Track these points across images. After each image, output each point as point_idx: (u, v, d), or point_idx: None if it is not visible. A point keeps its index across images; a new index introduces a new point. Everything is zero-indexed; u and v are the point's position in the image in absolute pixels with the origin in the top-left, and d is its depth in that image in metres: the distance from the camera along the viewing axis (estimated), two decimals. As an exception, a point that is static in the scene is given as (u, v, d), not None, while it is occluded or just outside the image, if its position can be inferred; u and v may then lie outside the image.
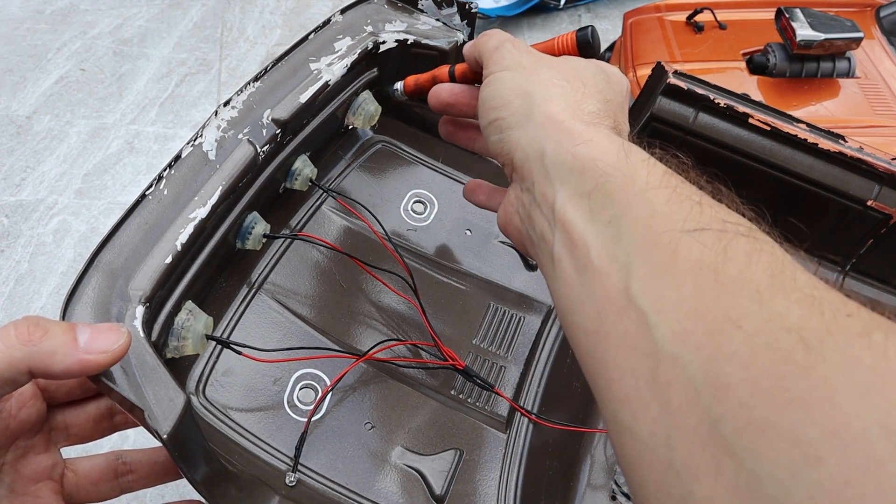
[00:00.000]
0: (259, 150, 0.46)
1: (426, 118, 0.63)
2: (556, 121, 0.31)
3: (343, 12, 0.55)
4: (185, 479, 0.36)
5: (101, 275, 0.37)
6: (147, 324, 0.37)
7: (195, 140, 0.44)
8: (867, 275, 0.66)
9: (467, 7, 0.57)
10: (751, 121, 0.60)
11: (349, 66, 0.51)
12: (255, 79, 0.48)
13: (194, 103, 2.15)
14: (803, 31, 1.53)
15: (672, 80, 0.61)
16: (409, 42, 0.55)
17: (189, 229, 0.41)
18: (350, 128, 0.58)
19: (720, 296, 0.21)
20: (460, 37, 0.57)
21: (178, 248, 0.40)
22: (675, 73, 0.61)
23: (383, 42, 0.54)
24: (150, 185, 0.41)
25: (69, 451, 0.36)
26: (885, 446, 0.16)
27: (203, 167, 0.43)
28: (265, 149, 0.46)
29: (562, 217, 0.28)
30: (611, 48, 2.03)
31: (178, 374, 0.45)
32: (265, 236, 0.49)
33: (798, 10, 1.56)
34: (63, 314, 0.36)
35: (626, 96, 0.36)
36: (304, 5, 2.61)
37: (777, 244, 0.23)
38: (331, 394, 0.48)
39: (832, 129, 0.60)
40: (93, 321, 0.36)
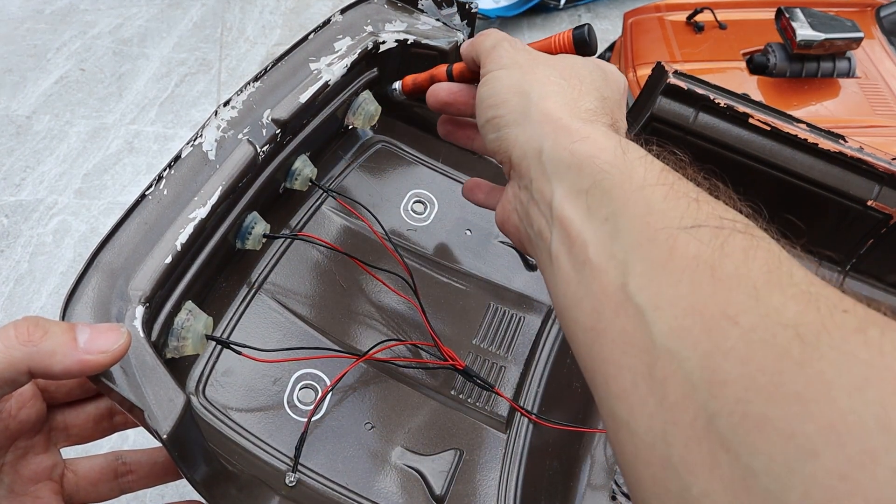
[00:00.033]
0: (259, 150, 0.46)
1: (426, 118, 0.63)
2: (554, 118, 0.31)
3: (343, 12, 0.55)
4: (185, 480, 0.36)
5: (100, 275, 0.37)
6: (147, 324, 0.37)
7: (195, 140, 0.44)
8: (867, 275, 0.66)
9: (467, 7, 0.57)
10: (751, 121, 0.60)
11: (349, 66, 0.51)
12: (255, 79, 0.48)
13: (194, 103, 2.15)
14: (803, 31, 1.53)
15: (672, 80, 0.61)
16: (409, 42, 0.55)
17: (189, 229, 0.41)
18: (350, 128, 0.58)
19: (717, 292, 0.21)
20: (460, 37, 0.57)
21: (178, 248, 0.40)
22: (675, 73, 0.61)
23: (383, 42, 0.54)
24: (150, 185, 0.41)
25: (69, 452, 0.36)
26: (880, 440, 0.16)
27: (203, 167, 0.43)
28: (265, 149, 0.46)
29: (559, 214, 0.28)
30: (611, 48, 2.03)
31: (178, 374, 0.45)
32: (265, 236, 0.49)
33: (798, 10, 1.56)
34: (63, 314, 0.36)
35: (624, 94, 0.36)
36: (304, 5, 2.61)
37: (774, 241, 0.23)
38: (331, 394, 0.48)
39: (832, 129, 0.60)
40: (93, 321, 0.36)
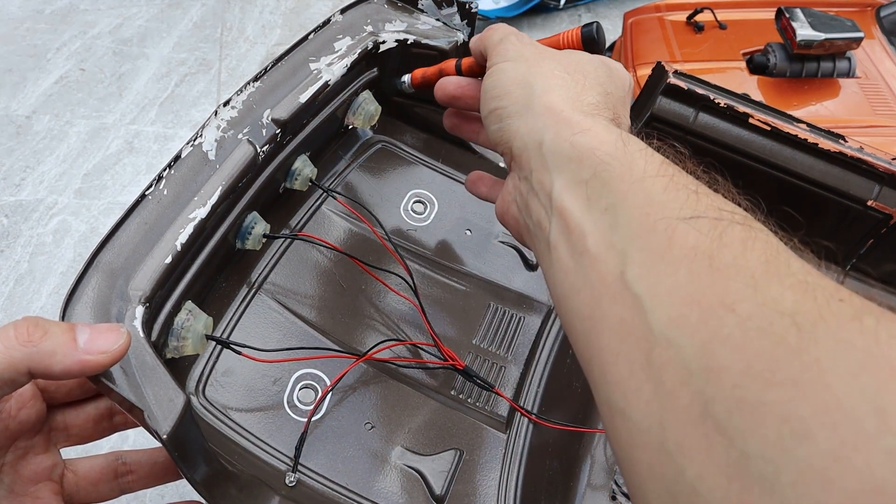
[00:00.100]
0: (259, 150, 0.45)
1: (426, 118, 0.63)
2: (555, 111, 0.31)
3: (343, 12, 0.55)
4: (185, 480, 0.36)
5: (100, 275, 0.37)
6: (147, 324, 0.37)
7: (195, 140, 0.44)
8: (867, 274, 0.66)
9: (467, 7, 0.57)
10: (751, 121, 0.60)
11: (349, 65, 0.51)
12: (255, 79, 0.48)
13: (194, 103, 2.15)
14: (803, 31, 1.52)
15: (672, 80, 0.61)
16: (409, 42, 0.55)
17: (189, 229, 0.41)
18: (350, 128, 0.58)
19: (715, 281, 0.21)
20: (460, 36, 0.57)
21: (178, 248, 0.40)
22: (675, 72, 0.61)
23: (383, 42, 0.54)
24: (150, 185, 0.41)
25: (69, 452, 0.36)
26: (873, 423, 0.16)
27: (203, 167, 0.43)
28: (265, 149, 0.46)
29: (559, 205, 0.28)
30: (611, 48, 2.03)
31: (178, 374, 0.45)
32: (265, 236, 0.49)
33: (798, 10, 1.56)
34: (63, 314, 0.36)
35: (629, 91, 0.36)
36: (304, 5, 2.61)
37: (772, 232, 0.23)
38: (331, 394, 0.48)
39: (832, 129, 0.60)
40: (92, 321, 0.36)
